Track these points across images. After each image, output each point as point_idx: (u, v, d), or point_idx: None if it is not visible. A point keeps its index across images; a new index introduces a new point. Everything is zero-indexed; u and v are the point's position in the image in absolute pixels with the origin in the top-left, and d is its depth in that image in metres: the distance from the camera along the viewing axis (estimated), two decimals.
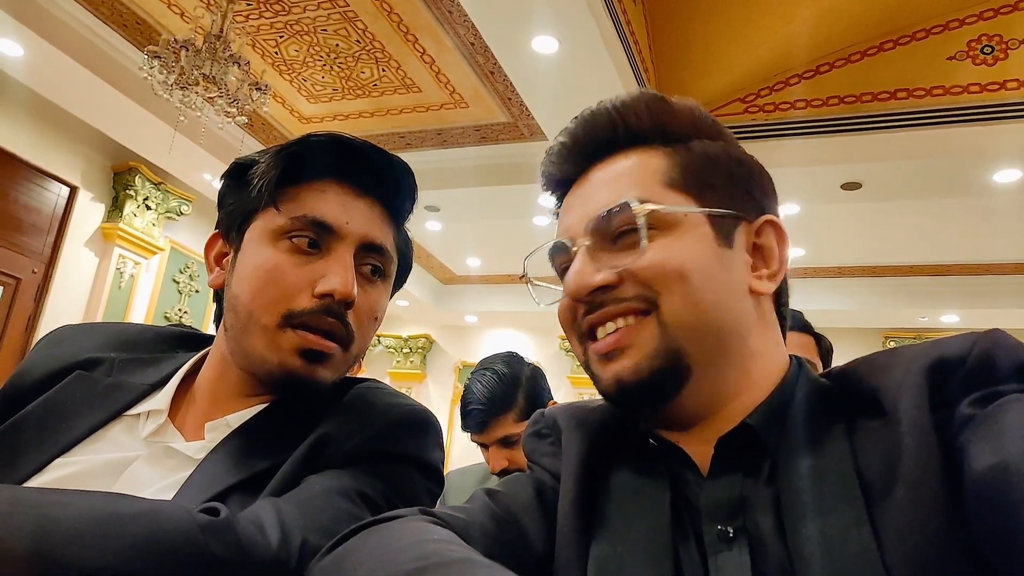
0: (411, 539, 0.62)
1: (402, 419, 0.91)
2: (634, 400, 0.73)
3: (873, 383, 0.66)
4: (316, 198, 0.90)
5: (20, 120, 5.44)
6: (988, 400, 0.59)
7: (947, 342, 0.64)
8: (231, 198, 0.96)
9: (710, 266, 0.73)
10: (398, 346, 10.64)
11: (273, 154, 0.91)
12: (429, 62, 5.24)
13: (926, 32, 4.99)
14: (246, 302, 0.88)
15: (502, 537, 0.74)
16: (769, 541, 0.63)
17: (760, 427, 0.69)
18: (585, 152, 0.80)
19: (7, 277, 5.49)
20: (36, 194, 5.70)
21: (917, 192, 5.60)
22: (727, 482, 0.68)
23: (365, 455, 0.85)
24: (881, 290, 8.16)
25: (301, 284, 0.87)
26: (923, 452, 0.58)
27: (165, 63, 4.29)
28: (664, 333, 0.70)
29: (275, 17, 4.95)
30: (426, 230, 7.95)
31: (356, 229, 0.91)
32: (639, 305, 0.71)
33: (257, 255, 0.89)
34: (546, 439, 0.88)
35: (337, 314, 0.88)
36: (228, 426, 0.88)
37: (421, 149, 6.29)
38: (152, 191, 6.37)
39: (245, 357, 0.89)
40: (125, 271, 6.22)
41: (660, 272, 0.71)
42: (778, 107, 5.39)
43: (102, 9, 4.90)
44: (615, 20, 4.36)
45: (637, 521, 0.71)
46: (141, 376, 0.96)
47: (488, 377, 2.03)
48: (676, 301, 0.70)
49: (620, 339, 0.72)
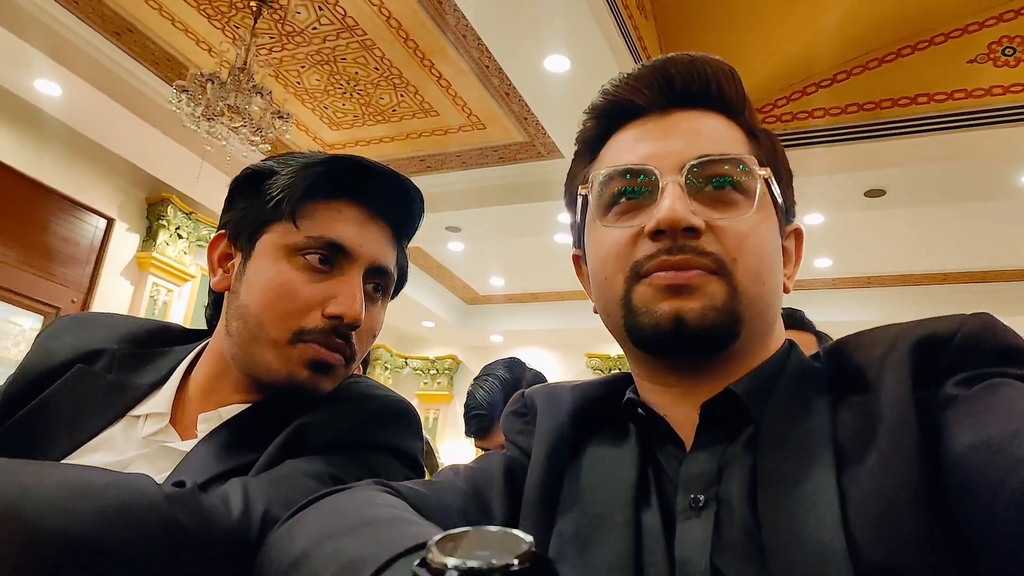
0: (356, 503, 0.64)
1: (379, 409, 0.94)
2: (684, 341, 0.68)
3: (859, 359, 0.66)
4: (333, 218, 0.92)
5: (59, 156, 5.66)
6: (973, 382, 0.59)
7: (935, 321, 0.64)
8: (242, 203, 0.97)
9: (775, 250, 0.74)
10: (425, 368, 10.60)
11: (297, 169, 0.92)
12: (445, 86, 5.35)
13: (944, 36, 4.94)
14: (256, 313, 0.89)
15: (461, 509, 0.75)
16: (737, 507, 0.63)
17: (745, 395, 0.68)
18: (675, 92, 0.76)
19: (48, 307, 5.68)
20: (75, 226, 5.91)
21: (943, 197, 5.51)
22: (708, 455, 0.68)
23: (342, 444, 0.87)
24: (913, 299, 7.93)
25: (312, 302, 0.89)
26: (900, 425, 0.58)
27: (192, 96, 4.46)
28: (732, 296, 0.68)
29: (296, 48, 5.12)
30: (448, 251, 8.00)
31: (368, 252, 0.93)
32: (713, 265, 0.68)
33: (270, 268, 0.90)
34: (522, 417, 0.88)
35: (343, 335, 0.90)
36: (220, 418, 0.91)
37: (441, 171, 6.39)
38: (183, 220, 6.56)
39: (250, 364, 0.90)
40: (159, 298, 6.40)
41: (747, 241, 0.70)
42: (796, 116, 5.36)
43: (135, 48, 5.11)
44: (626, 36, 4.42)
45: (602, 498, 0.71)
46: (141, 374, 0.97)
47: (489, 383, 2.06)
48: (750, 272, 0.69)
49: (695, 277, 0.67)
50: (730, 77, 0.77)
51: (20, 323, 5.51)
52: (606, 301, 0.75)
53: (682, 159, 0.71)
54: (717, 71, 0.76)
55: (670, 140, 0.73)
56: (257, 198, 0.94)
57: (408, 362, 10.71)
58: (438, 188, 6.46)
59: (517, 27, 4.30)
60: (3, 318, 5.40)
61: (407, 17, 4.69)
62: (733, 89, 0.77)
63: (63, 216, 5.81)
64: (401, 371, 10.69)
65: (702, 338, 0.67)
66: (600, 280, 0.75)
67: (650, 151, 0.73)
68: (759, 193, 0.71)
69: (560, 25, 4.22)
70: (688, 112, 0.76)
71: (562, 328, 9.46)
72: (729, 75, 0.77)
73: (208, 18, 4.90)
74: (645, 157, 0.73)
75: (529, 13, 4.15)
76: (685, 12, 4.82)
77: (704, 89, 0.76)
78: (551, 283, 8.95)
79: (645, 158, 0.73)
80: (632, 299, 0.70)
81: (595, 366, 9.65)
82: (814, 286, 8.18)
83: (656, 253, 0.68)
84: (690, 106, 0.76)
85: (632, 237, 0.71)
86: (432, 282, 9.19)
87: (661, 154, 0.72)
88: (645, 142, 0.74)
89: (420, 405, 10.42)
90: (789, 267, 0.79)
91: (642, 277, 0.69)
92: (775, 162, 0.77)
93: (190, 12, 4.85)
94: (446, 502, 0.75)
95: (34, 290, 5.57)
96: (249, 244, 0.94)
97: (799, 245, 0.81)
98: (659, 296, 0.68)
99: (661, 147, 0.73)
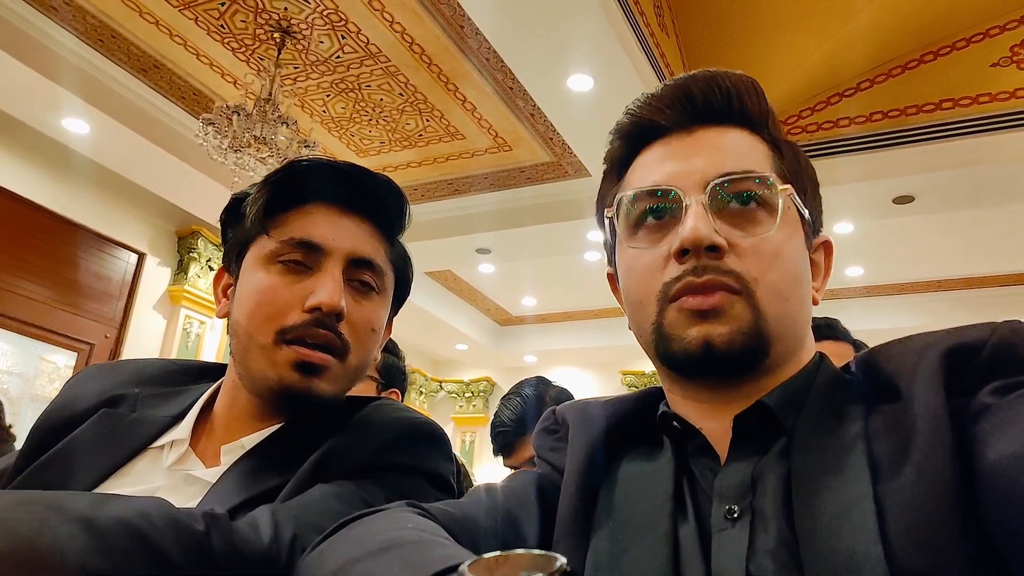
0: (387, 525, 0.64)
1: (408, 431, 0.93)
2: (714, 365, 0.69)
3: (891, 368, 0.66)
4: (303, 220, 0.94)
5: (89, 193, 5.72)
6: (1007, 391, 0.59)
7: (965, 330, 0.64)
8: (230, 231, 1.01)
9: (801, 265, 0.74)
10: (460, 391, 10.61)
11: (261, 184, 0.96)
12: (471, 109, 5.37)
13: (966, 41, 4.92)
14: (244, 324, 0.92)
15: (493, 530, 0.74)
16: (772, 517, 0.63)
17: (777, 407, 0.69)
18: (697, 110, 0.77)
19: (81, 343, 5.72)
20: (107, 262, 5.97)
21: (972, 201, 5.46)
22: (742, 466, 0.69)
23: (371, 468, 0.87)
24: (949, 304, 7.87)
25: (292, 301, 0.91)
26: (933, 434, 0.58)
27: (219, 128, 4.50)
28: (756, 317, 0.69)
29: (321, 77, 5.16)
30: (479, 273, 8.03)
31: (343, 244, 0.94)
32: (735, 284, 0.69)
33: (252, 279, 0.93)
34: (554, 435, 0.88)
35: (328, 326, 0.91)
36: (243, 448, 0.91)
37: (469, 194, 6.41)
38: (214, 252, 6.61)
39: (249, 378, 0.92)
40: (192, 331, 6.44)
41: (768, 258, 0.71)
42: (821, 127, 5.35)
43: (161, 83, 5.18)
44: (648, 53, 4.42)
45: (638, 511, 0.71)
46: (163, 409, 0.99)
47: (514, 401, 2.09)
48: (771, 290, 0.70)
49: (720, 301, 0.68)
50: (752, 90, 0.78)
51: (54, 361, 5.56)
52: (639, 323, 0.76)
53: (705, 177, 0.72)
54: (739, 85, 0.77)
55: (693, 159, 0.74)
56: (239, 222, 0.99)
57: (443, 386, 10.72)
58: (467, 211, 6.48)
59: (539, 48, 4.31)
60: (37, 356, 5.45)
61: (430, 43, 4.72)
62: (755, 102, 0.78)
63: (94, 252, 5.88)
64: (436, 395, 10.71)
65: (731, 361, 0.69)
66: (633, 302, 0.77)
67: (674, 170, 0.75)
68: (782, 209, 0.72)
69: (582, 45, 4.23)
70: (711, 129, 0.77)
71: (596, 346, 9.43)
72: (751, 88, 0.78)
73: (233, 51, 4.96)
74: (669, 176, 0.74)
75: (550, 34, 4.17)
76: (706, 28, 4.83)
77: (726, 104, 0.77)
78: (583, 301, 8.93)
79: (669, 177, 0.74)
80: (663, 324, 0.72)
81: (630, 383, 9.58)
82: (847, 295, 8.12)
83: (682, 275, 0.70)
84: (713, 122, 0.77)
85: (661, 259, 0.73)
86: (464, 304, 9.21)
87: (685, 173, 0.74)
88: (669, 161, 0.76)
89: (456, 428, 10.43)
90: (819, 279, 0.79)
91: (671, 300, 0.71)
92: (799, 175, 0.78)
93: (215, 46, 4.91)
94: (478, 522, 0.75)
95: (67, 327, 5.62)
96: (237, 266, 0.98)
97: (828, 257, 0.81)
98: (688, 322, 0.70)
99: (684, 166, 0.74)
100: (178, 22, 4.70)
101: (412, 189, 6.46)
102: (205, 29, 4.76)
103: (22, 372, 5.30)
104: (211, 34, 4.81)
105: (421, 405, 10.32)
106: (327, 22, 4.61)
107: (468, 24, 4.42)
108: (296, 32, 4.72)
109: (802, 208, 0.76)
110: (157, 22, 4.69)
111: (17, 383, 5.27)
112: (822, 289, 0.79)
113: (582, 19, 4.01)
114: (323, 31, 4.70)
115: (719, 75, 0.77)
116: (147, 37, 4.82)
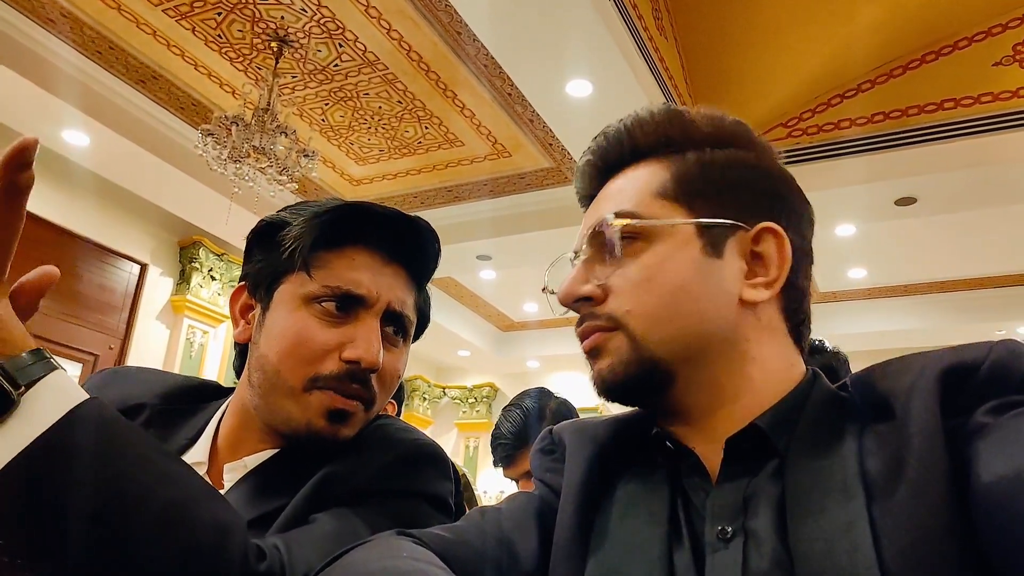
0: (379, 555, 0.64)
1: (406, 455, 0.92)
2: (617, 397, 0.75)
3: (886, 387, 0.66)
4: (347, 266, 0.92)
5: (90, 205, 5.75)
6: (1003, 410, 0.59)
7: (962, 349, 0.63)
8: (259, 255, 0.98)
9: (690, 277, 0.73)
10: (463, 397, 10.60)
11: (306, 219, 0.93)
12: (469, 116, 5.37)
13: (968, 40, 4.91)
14: (274, 363, 0.90)
15: (488, 555, 0.74)
16: (766, 538, 0.63)
17: (769, 429, 0.68)
18: (599, 170, 0.83)
19: (85, 354, 5.75)
20: (109, 274, 6.00)
21: (975, 202, 5.44)
22: (735, 486, 0.68)
23: (371, 493, 0.86)
24: (952, 306, 7.86)
25: (329, 347, 0.89)
26: (929, 454, 0.58)
27: (218, 139, 4.52)
28: (635, 346, 0.72)
29: (319, 86, 5.17)
30: (481, 279, 8.05)
31: (383, 298, 0.93)
32: (607, 324, 0.73)
33: (287, 318, 0.91)
34: (550, 455, 0.88)
35: (361, 380, 0.90)
36: (245, 467, 0.91)
37: (469, 201, 6.41)
38: (216, 262, 6.63)
39: (271, 414, 0.91)
40: (195, 340, 6.45)
41: (629, 290, 0.73)
42: (822, 129, 5.33)
43: (160, 94, 5.20)
44: (646, 57, 4.42)
45: (634, 532, 0.71)
46: (178, 431, 0.99)
47: (515, 414, 2.10)
48: (644, 319, 0.72)
49: (596, 341, 0.74)
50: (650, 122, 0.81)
51: None
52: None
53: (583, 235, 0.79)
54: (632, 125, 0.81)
55: (586, 220, 0.81)
56: (273, 249, 0.95)
57: (446, 391, 10.73)
58: (467, 217, 6.49)
59: (537, 54, 4.31)
60: None
61: (427, 50, 4.72)
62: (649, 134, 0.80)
63: (97, 264, 5.90)
64: (439, 401, 10.71)
65: (625, 390, 0.74)
66: None
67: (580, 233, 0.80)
68: (614, 240, 0.75)
69: (580, 50, 4.23)
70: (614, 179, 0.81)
71: None
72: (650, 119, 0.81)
73: (231, 61, 4.97)
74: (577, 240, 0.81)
75: (548, 40, 4.17)
76: (705, 31, 4.82)
77: (619, 152, 0.82)
78: None
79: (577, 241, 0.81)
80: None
81: None
82: (849, 297, 8.10)
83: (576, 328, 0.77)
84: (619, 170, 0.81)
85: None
86: (466, 311, 9.22)
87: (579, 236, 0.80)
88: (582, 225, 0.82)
89: (459, 434, 10.44)
90: (769, 272, 0.75)
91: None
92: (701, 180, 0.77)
93: (212, 56, 4.92)
94: (474, 547, 0.74)
95: (72, 339, 5.64)
96: (267, 295, 0.95)
97: (780, 244, 0.75)
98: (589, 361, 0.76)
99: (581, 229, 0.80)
100: (176, 32, 4.72)
101: (412, 196, 6.47)
102: (203, 39, 4.77)
103: None
104: (209, 44, 4.82)
105: (425, 411, 10.33)
106: (324, 31, 4.62)
107: (465, 31, 4.42)
108: (293, 41, 4.73)
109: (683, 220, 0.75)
110: (154, 32, 4.71)
111: None
112: (775, 283, 0.74)
113: (579, 24, 4.01)
114: (320, 39, 4.70)
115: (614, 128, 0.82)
116: (145, 48, 4.83)
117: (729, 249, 0.75)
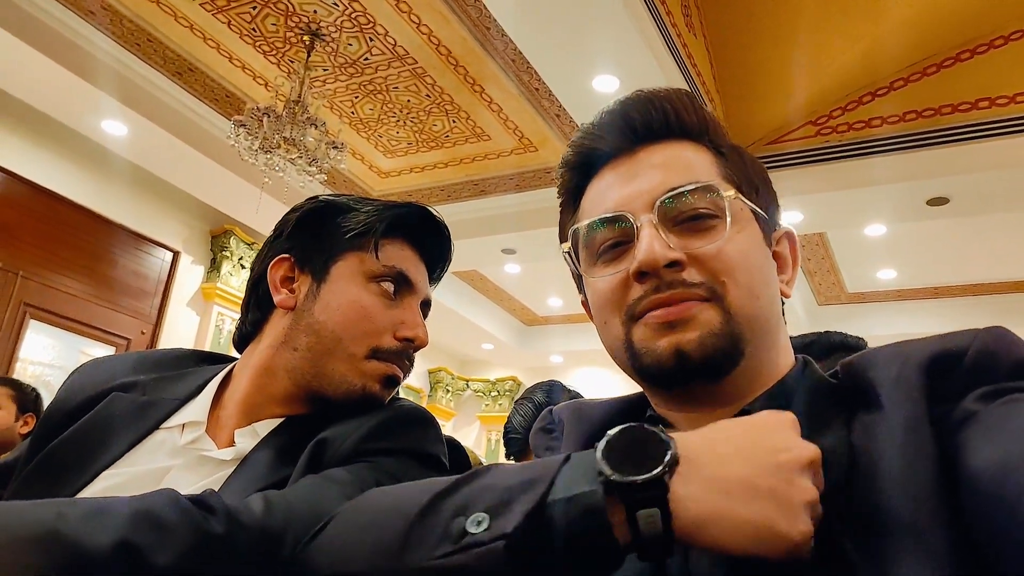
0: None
1: (395, 416, 0.98)
2: (689, 372, 0.70)
3: (871, 376, 0.66)
4: (399, 254, 1.05)
5: (126, 193, 5.88)
6: (991, 397, 0.59)
7: (947, 337, 0.64)
8: (312, 231, 1.06)
9: (765, 262, 0.76)
10: (486, 390, 10.61)
11: (379, 208, 1.06)
12: (496, 110, 5.41)
13: (1004, 39, 4.79)
14: (335, 329, 0.99)
15: None
16: None
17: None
18: (637, 132, 0.79)
19: (119, 338, 5.89)
20: (143, 260, 6.13)
21: (1009, 203, 5.32)
22: None
23: (361, 453, 0.91)
24: (984, 309, 7.66)
25: (387, 325, 1.01)
26: (913, 443, 0.58)
27: (249, 130, 4.60)
28: (728, 319, 0.70)
29: (349, 79, 5.24)
30: (505, 273, 8.05)
31: (423, 287, 1.08)
32: (704, 293, 0.70)
33: (349, 291, 1.01)
34: (549, 434, 0.90)
35: (411, 357, 1.05)
36: (256, 434, 0.96)
37: (495, 195, 6.44)
38: (246, 251, 6.73)
39: (319, 375, 0.99)
40: (224, 327, 6.56)
41: (732, 262, 0.72)
42: (852, 127, 5.26)
43: (195, 86, 5.30)
44: (674, 53, 4.41)
45: None
46: (172, 391, 1.04)
47: (526, 407, 2.13)
48: (742, 292, 0.71)
49: (687, 309, 0.70)
50: (687, 103, 0.80)
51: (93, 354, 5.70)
52: (610, 344, 0.77)
53: (652, 197, 0.74)
54: (673, 100, 0.79)
55: (638, 180, 0.76)
56: (330, 228, 1.05)
57: (469, 384, 10.74)
58: (493, 211, 6.51)
59: (565, 49, 4.33)
60: (77, 349, 5.62)
61: (456, 44, 4.77)
62: (692, 115, 0.80)
63: (131, 250, 6.04)
64: (463, 394, 10.74)
65: (706, 366, 0.69)
66: (600, 325, 0.78)
67: (621, 196, 0.76)
68: (732, 212, 0.73)
69: (607, 45, 4.24)
70: (654, 146, 0.78)
71: None
72: (686, 101, 0.80)
73: (264, 54, 5.06)
74: (618, 202, 0.76)
75: (576, 35, 4.19)
76: (734, 28, 4.78)
77: (663, 121, 0.79)
78: None
79: (618, 203, 0.76)
80: (632, 341, 0.73)
81: None
82: (879, 298, 7.99)
83: (645, 294, 0.71)
84: (654, 140, 0.79)
85: (622, 282, 0.74)
86: (490, 304, 9.25)
87: (632, 196, 0.75)
88: (616, 187, 0.77)
89: (481, 427, 10.46)
90: (787, 271, 0.80)
91: (638, 318, 0.72)
92: (746, 175, 0.79)
93: (246, 49, 5.01)
94: None
95: (105, 322, 5.80)
96: (323, 269, 1.03)
97: (793, 247, 0.82)
98: (656, 334, 0.71)
99: (631, 189, 0.76)
100: (211, 26, 4.81)
101: (439, 190, 6.52)
102: (238, 32, 4.86)
103: (63, 365, 5.48)
104: (243, 37, 4.91)
105: (448, 403, 10.37)
106: (355, 25, 4.68)
107: (494, 26, 4.46)
108: (325, 35, 4.80)
109: (754, 207, 0.77)
110: (192, 26, 4.81)
111: (59, 375, 5.42)
112: (792, 281, 0.80)
113: (607, 20, 4.03)
114: (351, 34, 4.77)
115: (654, 94, 0.80)
116: (182, 41, 4.94)
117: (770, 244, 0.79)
